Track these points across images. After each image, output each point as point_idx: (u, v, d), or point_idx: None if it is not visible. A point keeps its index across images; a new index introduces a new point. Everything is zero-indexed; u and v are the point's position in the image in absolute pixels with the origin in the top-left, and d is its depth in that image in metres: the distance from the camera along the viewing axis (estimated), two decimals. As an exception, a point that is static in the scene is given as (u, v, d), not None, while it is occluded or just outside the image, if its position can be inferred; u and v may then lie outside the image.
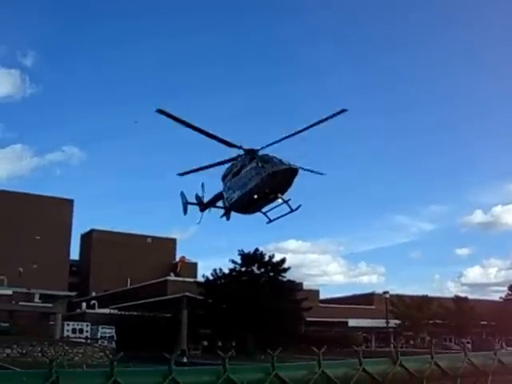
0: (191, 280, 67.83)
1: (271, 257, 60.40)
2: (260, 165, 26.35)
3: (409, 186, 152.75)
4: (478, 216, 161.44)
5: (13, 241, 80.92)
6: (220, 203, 30.77)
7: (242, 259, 59.69)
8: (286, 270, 60.10)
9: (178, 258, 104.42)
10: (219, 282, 59.60)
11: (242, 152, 27.84)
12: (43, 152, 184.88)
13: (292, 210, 27.21)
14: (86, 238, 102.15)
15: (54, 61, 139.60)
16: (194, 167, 31.15)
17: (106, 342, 55.79)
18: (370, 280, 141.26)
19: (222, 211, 30.79)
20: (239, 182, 27.77)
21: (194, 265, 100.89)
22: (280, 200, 26.99)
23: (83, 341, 52.87)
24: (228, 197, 29.01)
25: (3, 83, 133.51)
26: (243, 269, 59.67)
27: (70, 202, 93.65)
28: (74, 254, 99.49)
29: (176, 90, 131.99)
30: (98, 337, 57.93)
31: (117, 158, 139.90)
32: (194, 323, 59.25)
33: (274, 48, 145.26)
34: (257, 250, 60.25)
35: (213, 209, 31.91)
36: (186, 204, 34.13)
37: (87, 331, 59.26)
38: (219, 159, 29.54)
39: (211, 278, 60.53)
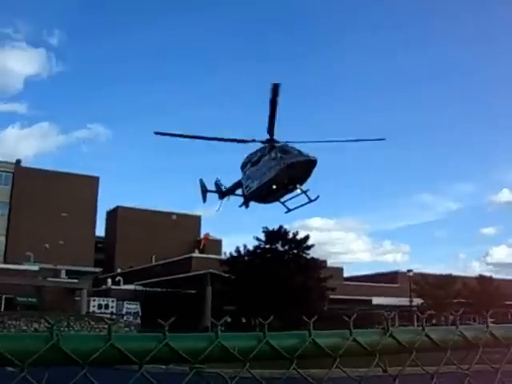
0: (215, 257, 68.06)
1: (295, 234, 60.11)
2: (279, 155, 26.44)
3: (435, 165, 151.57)
4: (505, 195, 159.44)
5: (40, 218, 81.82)
6: (239, 191, 30.91)
7: (265, 236, 59.51)
8: (309, 247, 59.78)
9: (202, 235, 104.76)
10: (243, 259, 59.62)
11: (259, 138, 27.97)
12: (70, 130, 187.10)
13: (310, 201, 27.32)
14: (112, 214, 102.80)
15: (80, 40, 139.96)
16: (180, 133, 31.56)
17: (131, 318, 56.42)
18: (395, 258, 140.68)
19: (241, 199, 31.00)
20: (258, 171, 27.85)
21: (219, 242, 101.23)
22: (299, 190, 27.12)
23: (108, 316, 53.53)
24: (247, 185, 29.14)
25: (30, 62, 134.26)
26: (267, 246, 59.53)
27: (95, 179, 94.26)
28: (100, 230, 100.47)
29: (192, 70, 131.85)
30: (124, 313, 58.59)
31: (142, 136, 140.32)
32: (218, 300, 59.47)
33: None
34: (281, 227, 60.01)
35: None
36: (205, 192, 34.45)
37: (112, 307, 59.98)
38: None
39: (235, 254, 60.57)
